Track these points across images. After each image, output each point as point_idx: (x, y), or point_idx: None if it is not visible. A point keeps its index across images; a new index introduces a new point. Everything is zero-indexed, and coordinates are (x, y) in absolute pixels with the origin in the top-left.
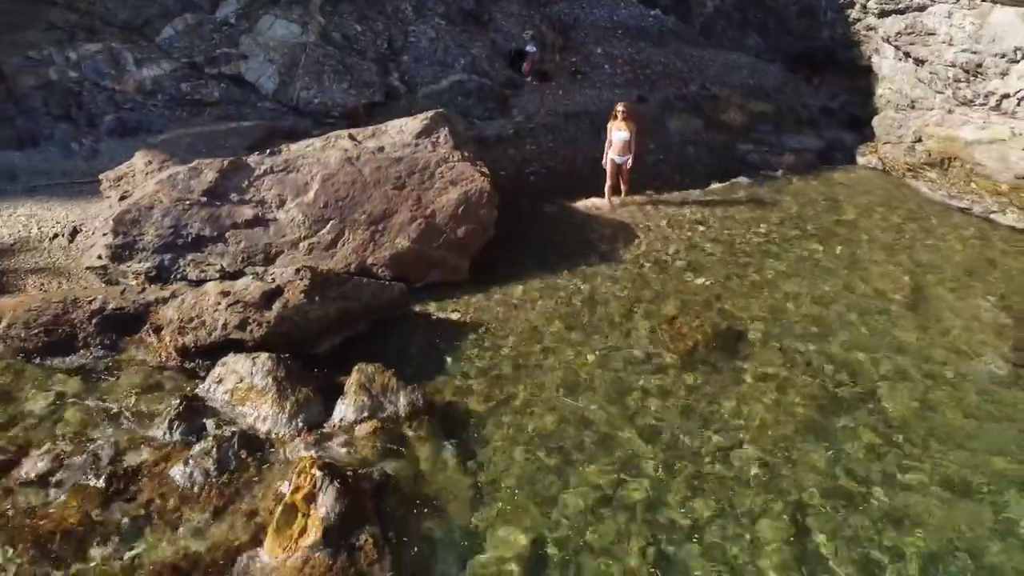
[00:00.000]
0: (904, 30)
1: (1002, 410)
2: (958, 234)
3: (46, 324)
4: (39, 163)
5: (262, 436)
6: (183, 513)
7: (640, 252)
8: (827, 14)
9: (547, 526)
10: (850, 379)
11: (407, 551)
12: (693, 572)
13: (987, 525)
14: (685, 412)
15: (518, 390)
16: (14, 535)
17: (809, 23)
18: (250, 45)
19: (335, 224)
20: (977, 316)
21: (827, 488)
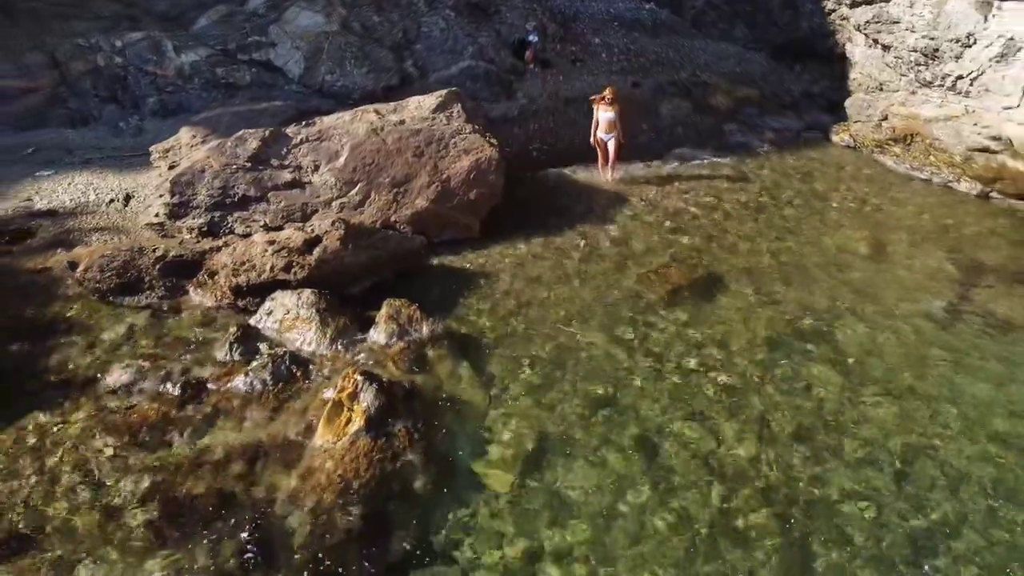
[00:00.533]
0: (872, 19)
1: (935, 341)
2: (917, 201)
3: (117, 269)
4: (91, 140)
5: (307, 356)
6: (245, 412)
7: (631, 215)
8: (806, 5)
9: (547, 425)
10: (811, 315)
11: (432, 441)
12: (669, 461)
13: (919, 424)
14: (666, 338)
15: (522, 323)
16: (107, 427)
17: (790, 14)
18: (278, 34)
19: (363, 187)
20: (927, 268)
21: (786, 398)
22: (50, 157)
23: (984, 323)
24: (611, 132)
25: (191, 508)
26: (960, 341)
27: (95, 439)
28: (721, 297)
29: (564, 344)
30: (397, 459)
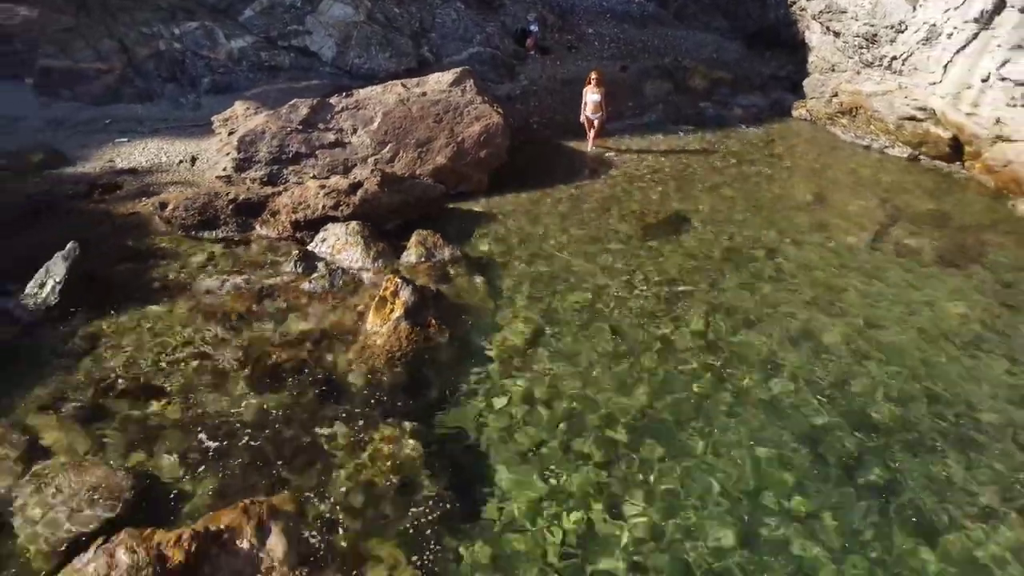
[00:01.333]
0: (824, 9)
1: (855, 262)
2: (857, 162)
3: (198, 209)
4: (156, 113)
5: (355, 270)
6: (310, 308)
7: (615, 175)
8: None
9: (543, 321)
10: (760, 245)
11: (453, 328)
12: (633, 341)
13: (830, 312)
14: (638, 261)
15: (523, 251)
16: (205, 315)
17: (760, 6)
18: (313, 23)
19: (393, 146)
20: (857, 213)
21: (731, 297)
22: (124, 127)
23: (895, 251)
24: (597, 112)
25: (276, 367)
26: (873, 262)
27: (197, 323)
28: (686, 232)
29: (556, 266)
30: (428, 338)
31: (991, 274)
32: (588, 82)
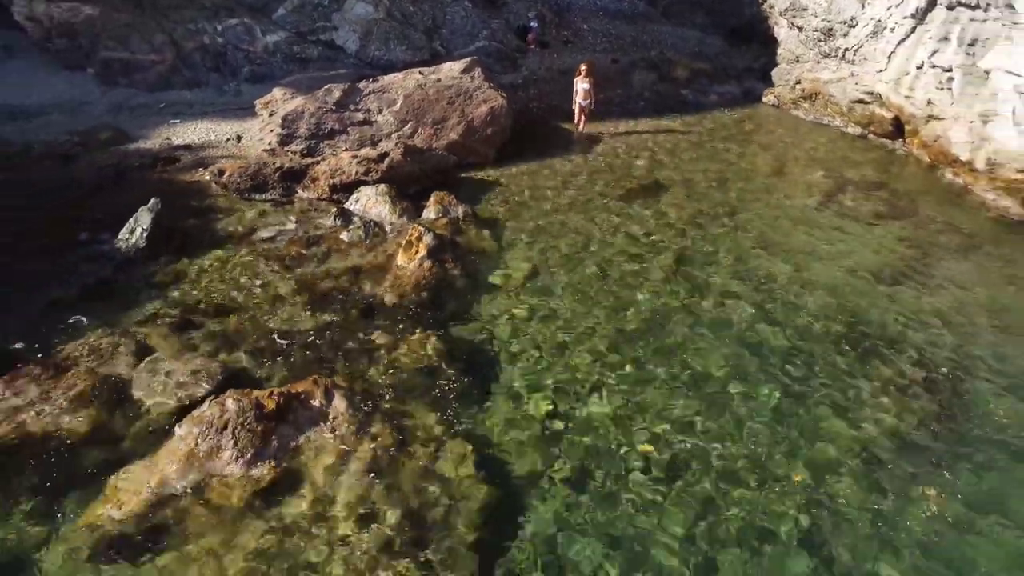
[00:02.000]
0: (789, 7)
1: (804, 219)
2: (814, 139)
3: (250, 175)
4: (203, 98)
5: (384, 223)
6: (349, 251)
7: (604, 150)
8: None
9: (540, 261)
10: (725, 207)
11: (467, 266)
12: (618, 276)
13: (783, 265)
14: (620, 219)
15: (524, 210)
16: (264, 257)
17: (736, 4)
18: (339, 20)
19: (412, 124)
20: (810, 181)
21: (697, 247)
22: (176, 111)
23: (837, 210)
24: (586, 99)
25: (325, 293)
26: (818, 219)
27: (258, 263)
28: (662, 196)
29: (551, 222)
30: (446, 273)
31: (913, 227)
32: (578, 72)
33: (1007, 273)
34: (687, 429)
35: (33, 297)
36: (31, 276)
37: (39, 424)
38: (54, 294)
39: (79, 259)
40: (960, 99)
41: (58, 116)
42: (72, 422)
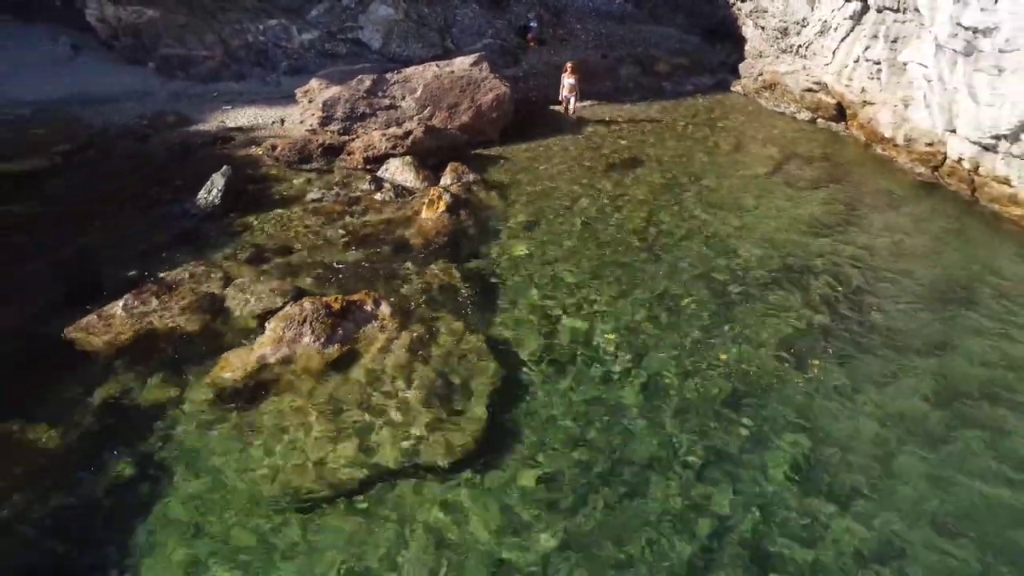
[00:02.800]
0: (753, 9)
1: (755, 186)
2: (771, 123)
3: (297, 150)
4: (248, 89)
5: (409, 187)
6: (383, 209)
7: (591, 132)
8: (720, 1)
9: (536, 215)
10: (690, 176)
11: (478, 219)
12: (597, 225)
13: (732, 219)
14: (602, 185)
15: (523, 177)
16: (315, 213)
17: (711, 7)
18: (364, 20)
19: (431, 108)
20: (763, 155)
21: (664, 205)
22: (227, 99)
23: (783, 179)
24: (571, 92)
25: (365, 238)
26: (766, 185)
27: (309, 216)
28: (638, 169)
29: (545, 187)
30: (461, 223)
31: (845, 191)
32: (565, 70)
33: (914, 223)
34: (643, 326)
35: (139, 241)
36: (134, 225)
37: (162, 323)
38: (155, 238)
39: (168, 213)
40: (886, 87)
41: (127, 103)
42: (186, 323)
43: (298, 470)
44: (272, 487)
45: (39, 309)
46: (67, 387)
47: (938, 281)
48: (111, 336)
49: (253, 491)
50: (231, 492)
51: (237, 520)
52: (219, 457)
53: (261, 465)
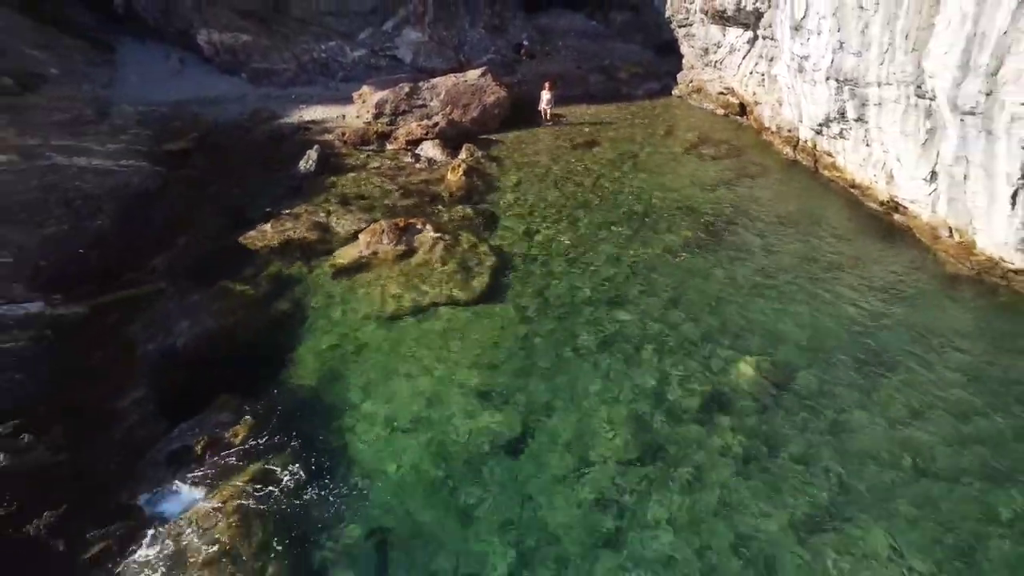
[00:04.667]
0: (687, 34)
1: (676, 158)
2: (697, 116)
3: (359, 135)
4: (315, 93)
5: (438, 160)
6: (421, 173)
7: (564, 124)
8: (666, 24)
9: (524, 178)
10: (631, 153)
11: (484, 179)
12: (567, 186)
13: (654, 181)
14: (571, 159)
15: (515, 154)
16: (378, 175)
17: (659, 29)
18: (399, 41)
19: (451, 107)
20: (687, 139)
21: (612, 173)
22: (302, 100)
23: (696, 154)
24: (548, 104)
25: (409, 191)
26: (682, 159)
27: (374, 178)
28: (595, 148)
29: (529, 160)
30: (473, 183)
31: (736, 163)
32: (542, 87)
33: (776, 183)
34: (587, 238)
35: (266, 192)
36: (260, 183)
37: (295, 235)
38: (276, 190)
39: (280, 175)
40: (767, 91)
41: (229, 103)
42: (308, 234)
43: (384, 304)
44: (370, 311)
45: (220, 228)
46: (247, 267)
47: (781, 215)
48: (265, 242)
49: (361, 312)
50: (349, 314)
51: (353, 328)
52: (340, 298)
53: (365, 301)
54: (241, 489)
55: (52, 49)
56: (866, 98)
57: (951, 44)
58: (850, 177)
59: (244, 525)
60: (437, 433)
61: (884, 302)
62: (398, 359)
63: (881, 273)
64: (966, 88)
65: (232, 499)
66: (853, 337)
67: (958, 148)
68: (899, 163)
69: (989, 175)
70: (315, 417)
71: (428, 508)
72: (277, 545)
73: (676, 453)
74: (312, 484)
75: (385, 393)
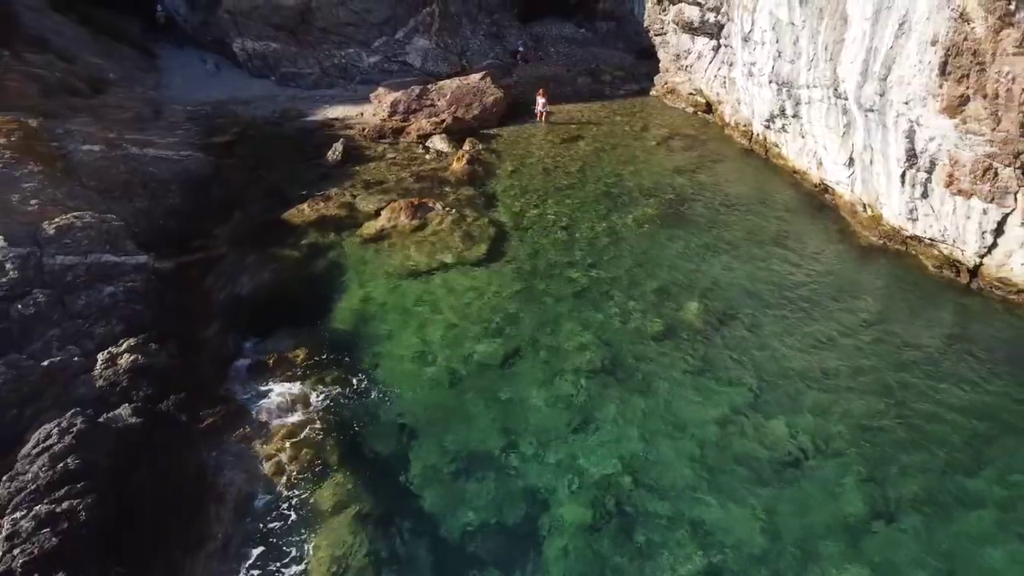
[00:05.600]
0: (662, 41)
1: (646, 150)
2: (670, 114)
3: (377, 130)
4: (337, 94)
5: (445, 151)
6: (430, 162)
7: (554, 120)
8: (644, 32)
9: (519, 166)
10: (611, 145)
11: (485, 167)
12: (554, 171)
13: (628, 167)
14: (558, 149)
15: (511, 146)
16: (394, 165)
17: (639, 36)
18: (409, 48)
19: (455, 106)
20: (659, 132)
21: (594, 164)
22: (326, 101)
23: (666, 146)
24: (543, 108)
25: (421, 176)
26: (654, 150)
27: (391, 166)
28: (579, 142)
29: (523, 151)
30: (475, 170)
31: (699, 153)
32: (537, 93)
33: (732, 168)
34: (571, 213)
35: (300, 177)
36: (294, 170)
37: (328, 212)
38: (308, 176)
39: (311, 164)
40: (728, 93)
41: (262, 103)
42: (339, 212)
43: (404, 265)
44: (393, 270)
45: (265, 207)
46: (289, 237)
47: (734, 195)
48: (303, 218)
49: (385, 271)
50: (375, 272)
51: (379, 281)
52: (367, 260)
53: (388, 262)
54: (304, 390)
55: (110, 56)
56: (799, 98)
57: (855, 55)
58: (791, 164)
59: (307, 414)
60: (447, 354)
61: (809, 264)
62: (416, 304)
63: (810, 241)
64: (866, 90)
65: (298, 397)
66: (780, 289)
67: (865, 138)
68: (825, 151)
69: (886, 159)
70: (354, 344)
71: (440, 405)
72: (332, 429)
73: (631, 366)
74: (356, 388)
75: (407, 328)
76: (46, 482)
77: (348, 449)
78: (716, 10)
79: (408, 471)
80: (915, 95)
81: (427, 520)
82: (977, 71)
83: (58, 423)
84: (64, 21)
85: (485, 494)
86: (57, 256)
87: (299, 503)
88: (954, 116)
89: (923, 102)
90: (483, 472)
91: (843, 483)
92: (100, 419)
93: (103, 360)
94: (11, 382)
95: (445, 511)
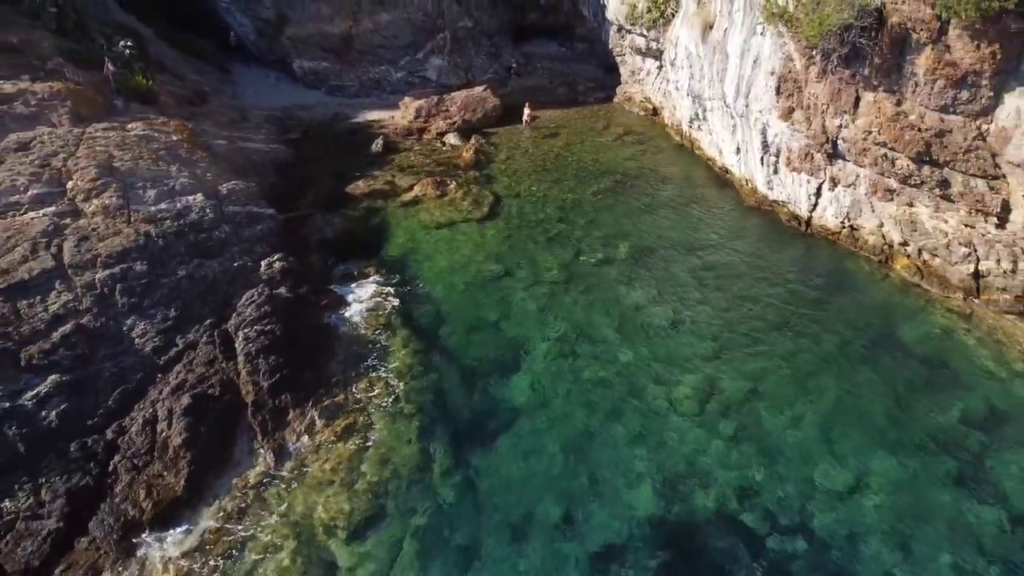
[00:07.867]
0: (622, 60)
1: (603, 143)
2: (627, 115)
3: (405, 129)
4: (372, 102)
5: (457, 144)
6: (450, 151)
7: (539, 122)
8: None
9: (513, 153)
10: (580, 139)
11: (488, 154)
12: (539, 157)
13: (588, 155)
14: (540, 143)
15: (506, 141)
16: (420, 153)
17: (607, 55)
18: (427, 66)
19: (464, 111)
20: (617, 131)
21: (565, 154)
22: (365, 107)
23: (620, 139)
24: (528, 118)
25: (442, 161)
26: (613, 144)
27: (417, 156)
28: (557, 137)
29: (515, 143)
30: (479, 158)
31: (644, 146)
32: (524, 105)
33: (667, 157)
34: (550, 187)
35: (351, 164)
36: (347, 159)
37: (376, 187)
38: (358, 163)
39: (360, 154)
40: (667, 100)
41: (316, 109)
42: (383, 186)
43: (431, 220)
44: (424, 223)
45: (332, 184)
46: (352, 203)
47: (666, 176)
48: (359, 191)
49: (419, 223)
50: (412, 224)
51: (415, 231)
52: (405, 218)
53: (420, 218)
54: (376, 290)
55: (201, 73)
56: (706, 107)
57: (732, 79)
58: (706, 153)
59: (378, 300)
60: (463, 271)
61: (709, 219)
62: (441, 244)
63: (713, 206)
64: (738, 103)
65: (373, 292)
66: (687, 236)
67: (742, 135)
68: (724, 144)
69: (753, 149)
70: (402, 265)
71: (460, 302)
72: (394, 307)
73: (580, 279)
74: (407, 292)
75: (435, 257)
76: (254, 316)
77: (404, 318)
78: (657, 40)
79: (441, 331)
80: (765, 106)
81: (454, 354)
82: (797, 91)
83: (256, 289)
84: (167, 47)
85: (489, 341)
86: (230, 206)
87: (378, 344)
88: (786, 120)
89: (769, 111)
90: (487, 331)
91: (703, 335)
92: (271, 292)
93: (265, 264)
94: (222, 272)
95: (465, 349)
